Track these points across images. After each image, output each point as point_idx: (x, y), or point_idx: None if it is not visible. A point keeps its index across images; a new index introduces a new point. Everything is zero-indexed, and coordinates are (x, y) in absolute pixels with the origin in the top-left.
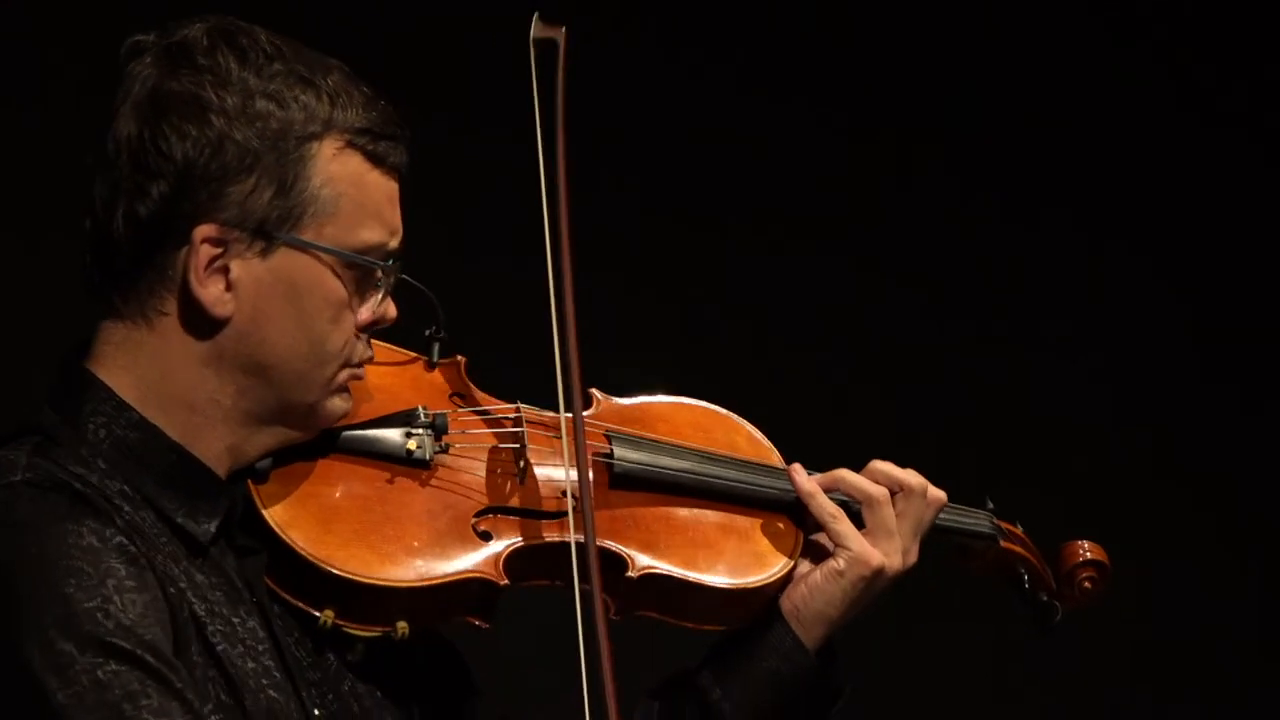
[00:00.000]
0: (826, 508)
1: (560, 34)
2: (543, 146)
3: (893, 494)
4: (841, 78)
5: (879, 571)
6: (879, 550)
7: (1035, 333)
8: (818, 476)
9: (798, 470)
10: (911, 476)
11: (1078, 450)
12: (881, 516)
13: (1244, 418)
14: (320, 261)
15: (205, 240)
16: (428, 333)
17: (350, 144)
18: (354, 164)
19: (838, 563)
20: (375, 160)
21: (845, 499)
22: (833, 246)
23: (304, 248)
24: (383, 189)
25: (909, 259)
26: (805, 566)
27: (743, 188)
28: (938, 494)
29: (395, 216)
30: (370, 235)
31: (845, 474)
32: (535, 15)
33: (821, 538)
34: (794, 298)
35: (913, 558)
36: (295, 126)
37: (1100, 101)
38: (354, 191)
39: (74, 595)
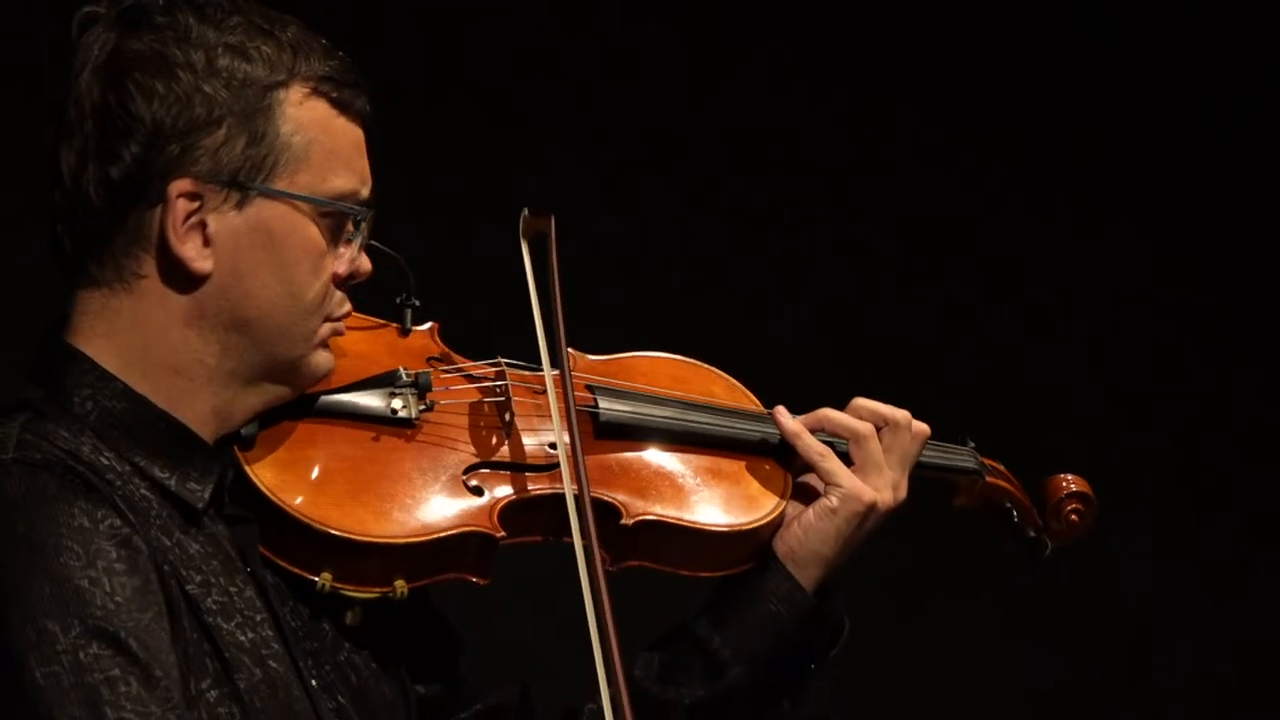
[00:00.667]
0: (814, 447)
1: (550, 223)
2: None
3: (878, 429)
4: (841, 70)
5: (872, 506)
6: (869, 485)
7: (1034, 323)
8: (802, 417)
9: (781, 412)
10: (895, 410)
11: (1077, 442)
12: (869, 451)
13: (1246, 414)
14: (296, 210)
15: (181, 195)
16: (399, 299)
17: (315, 91)
18: (320, 110)
19: (830, 500)
20: (341, 107)
21: (831, 439)
22: (826, 234)
23: (279, 197)
24: (350, 136)
25: (903, 245)
26: (796, 508)
27: (739, 177)
28: (921, 427)
29: (364, 165)
30: (342, 183)
31: (830, 412)
32: (524, 211)
33: (810, 479)
34: (784, 285)
35: (902, 492)
36: (260, 77)
37: (1100, 87)
38: (323, 138)
39: (62, 575)
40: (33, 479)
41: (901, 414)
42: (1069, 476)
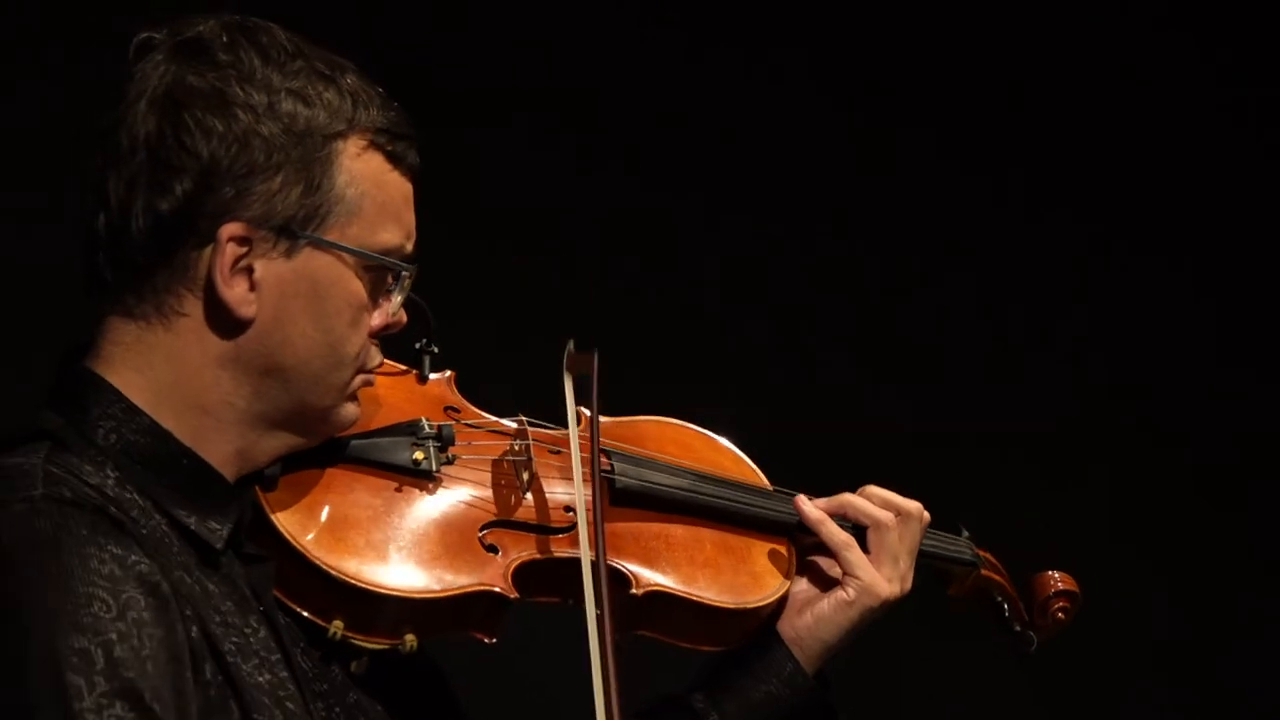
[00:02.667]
0: (838, 536)
1: (593, 361)
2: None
3: None
4: (852, 72)
5: (886, 601)
6: (883, 575)
7: (1045, 338)
8: (822, 501)
9: (804, 500)
10: (909, 501)
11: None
12: (888, 541)
13: (1257, 423)
14: (342, 262)
15: (232, 239)
16: (418, 345)
17: (372, 143)
18: (375, 164)
19: (847, 593)
20: (394, 160)
21: (845, 523)
22: (835, 243)
23: (328, 248)
24: (401, 190)
25: (911, 258)
26: (805, 591)
27: (740, 184)
28: (927, 517)
29: (411, 219)
30: (390, 237)
31: (852, 498)
32: (569, 345)
33: (819, 560)
34: (787, 297)
35: (909, 583)
36: (321, 125)
37: (1112, 95)
38: (376, 192)
39: (91, 625)
40: (63, 518)
41: (915, 506)
42: (1056, 574)
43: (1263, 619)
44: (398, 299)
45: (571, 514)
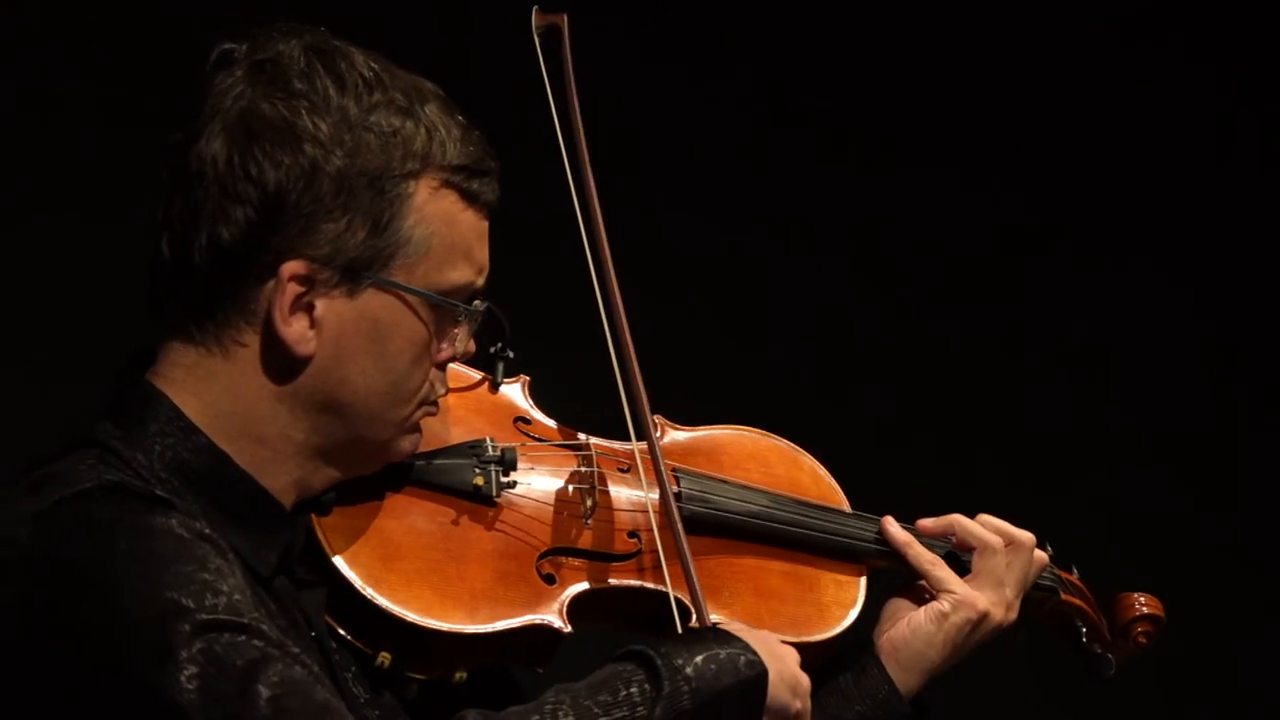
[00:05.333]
0: (924, 555)
1: (563, 20)
2: (562, 135)
3: None
4: (860, 82)
5: (984, 616)
6: (984, 596)
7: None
8: (929, 521)
9: (890, 522)
10: (1022, 532)
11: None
12: (993, 564)
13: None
14: (405, 302)
15: (293, 278)
16: (493, 350)
17: (447, 183)
18: (448, 203)
19: (943, 605)
20: (470, 199)
21: (947, 548)
22: (837, 246)
23: (393, 289)
24: (474, 228)
25: (912, 265)
26: (904, 606)
27: (771, 196)
28: (1042, 555)
29: (484, 254)
30: (459, 275)
31: (961, 519)
32: (535, 8)
33: (919, 584)
34: (836, 317)
35: (1014, 614)
36: (394, 164)
37: (1114, 109)
38: (446, 231)
39: (174, 582)
40: (120, 500)
41: (1027, 536)
42: (1142, 597)
43: (1260, 622)
44: (464, 334)
45: (635, 540)
